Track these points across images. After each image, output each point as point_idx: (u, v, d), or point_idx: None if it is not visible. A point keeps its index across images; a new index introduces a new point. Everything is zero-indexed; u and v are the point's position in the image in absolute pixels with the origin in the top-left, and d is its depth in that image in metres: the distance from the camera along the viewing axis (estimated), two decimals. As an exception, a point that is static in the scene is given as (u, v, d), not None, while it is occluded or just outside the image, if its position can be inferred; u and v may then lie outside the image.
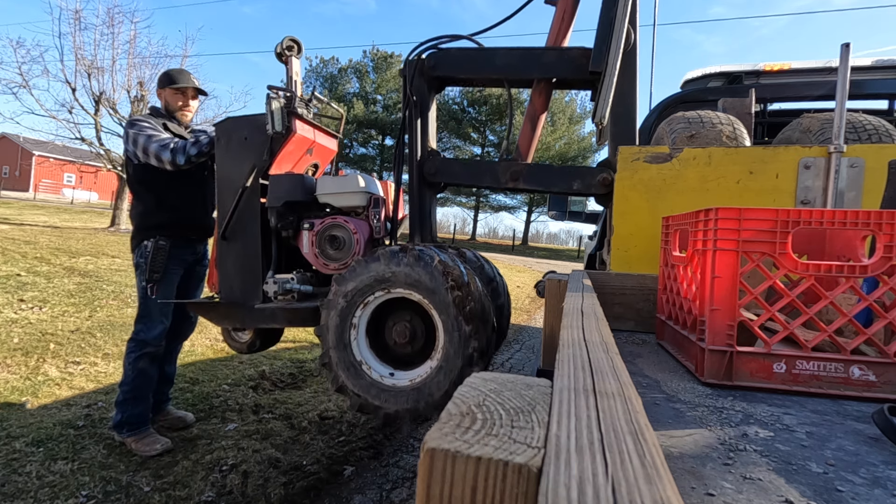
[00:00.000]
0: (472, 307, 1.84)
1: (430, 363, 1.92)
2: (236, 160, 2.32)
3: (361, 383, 1.98)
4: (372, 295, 1.96)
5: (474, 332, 1.83)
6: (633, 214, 1.84)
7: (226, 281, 2.38)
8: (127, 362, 2.53)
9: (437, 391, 1.86)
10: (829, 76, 3.02)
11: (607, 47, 1.94)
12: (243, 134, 2.31)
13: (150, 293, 2.52)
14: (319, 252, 2.24)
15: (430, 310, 1.90)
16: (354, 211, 2.29)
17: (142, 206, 2.60)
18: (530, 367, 4.78)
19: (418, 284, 1.88)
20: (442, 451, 0.28)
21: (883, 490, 0.52)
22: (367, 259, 1.97)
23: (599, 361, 0.50)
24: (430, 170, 2.35)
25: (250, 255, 2.32)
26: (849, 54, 1.59)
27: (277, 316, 2.28)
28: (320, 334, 2.03)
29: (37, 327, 4.18)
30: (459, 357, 1.83)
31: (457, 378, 1.83)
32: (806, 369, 0.86)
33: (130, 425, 2.50)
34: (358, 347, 2.00)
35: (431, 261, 1.87)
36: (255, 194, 2.30)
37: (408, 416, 1.92)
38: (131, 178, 2.62)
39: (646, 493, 0.24)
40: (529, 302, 9.17)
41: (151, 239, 2.53)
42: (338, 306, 1.98)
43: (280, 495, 2.23)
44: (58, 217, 15.78)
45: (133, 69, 14.10)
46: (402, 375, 1.98)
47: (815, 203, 1.66)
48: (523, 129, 2.40)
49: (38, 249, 8.01)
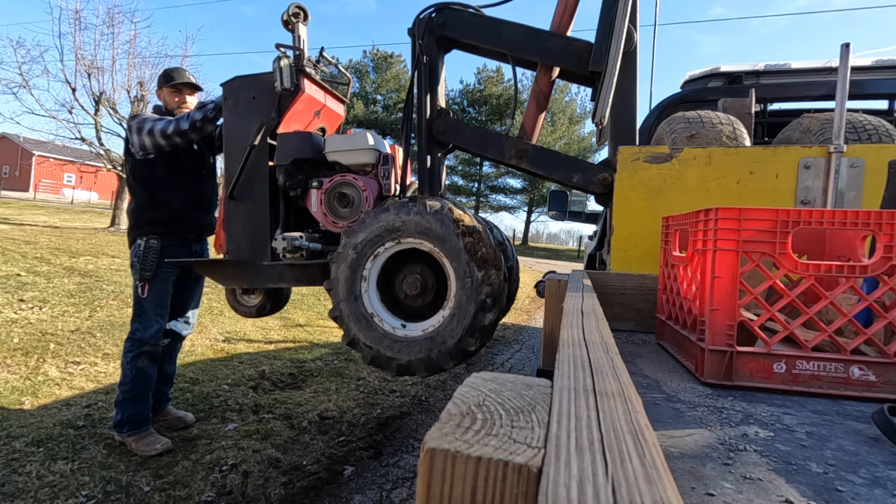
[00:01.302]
0: (484, 253, 1.82)
1: (443, 312, 1.90)
2: (244, 119, 2.31)
3: (373, 335, 1.96)
4: (382, 246, 1.94)
5: (486, 278, 1.81)
6: (633, 214, 1.84)
7: (233, 241, 2.36)
8: (125, 362, 2.53)
9: (451, 339, 1.85)
10: (829, 76, 3.02)
11: (607, 47, 1.94)
12: (251, 93, 2.30)
13: (142, 292, 2.52)
14: (328, 210, 2.22)
15: (442, 258, 1.88)
16: (363, 169, 2.26)
17: (136, 203, 2.61)
18: (530, 367, 4.78)
19: (429, 232, 1.86)
20: (442, 451, 0.28)
21: (883, 490, 0.52)
22: (377, 210, 1.95)
23: (599, 361, 0.50)
24: (439, 127, 2.32)
25: (258, 214, 2.30)
26: (849, 54, 1.59)
27: (286, 275, 2.27)
28: (330, 288, 2.01)
29: (37, 327, 4.18)
30: (472, 303, 1.82)
31: (470, 324, 1.82)
32: (806, 369, 0.86)
33: (131, 424, 2.50)
34: (369, 300, 1.98)
35: (442, 208, 1.86)
36: (262, 153, 2.28)
37: (421, 366, 1.91)
38: (129, 174, 2.64)
39: (646, 493, 0.24)
40: (529, 302, 9.16)
41: (144, 237, 2.54)
42: (348, 258, 1.97)
43: (280, 495, 2.23)
44: (58, 217, 15.77)
45: (133, 69, 14.11)
46: (415, 327, 1.96)
47: (815, 203, 1.66)
48: (528, 107, 2.38)
49: (38, 249, 8.01)
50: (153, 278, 2.54)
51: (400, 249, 1.96)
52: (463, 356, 1.88)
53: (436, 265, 1.99)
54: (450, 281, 1.89)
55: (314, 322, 5.69)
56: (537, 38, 2.22)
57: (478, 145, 2.33)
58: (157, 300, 2.57)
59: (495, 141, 2.30)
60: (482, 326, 1.82)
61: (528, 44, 2.23)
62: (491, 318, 1.83)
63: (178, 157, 2.61)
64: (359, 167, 2.25)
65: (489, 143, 2.32)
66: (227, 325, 5.04)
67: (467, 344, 1.84)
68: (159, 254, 2.54)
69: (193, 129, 2.43)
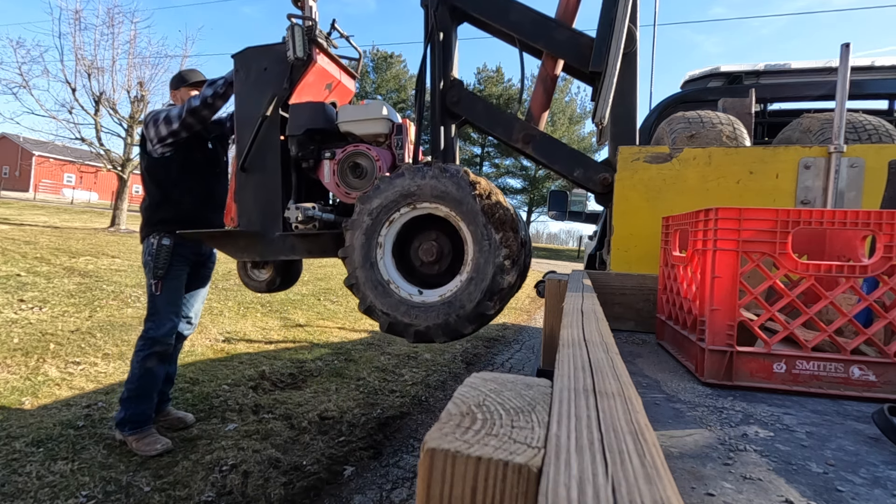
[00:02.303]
0: (501, 214, 1.80)
1: (460, 277, 1.88)
2: (255, 91, 2.29)
3: (390, 301, 1.93)
4: (397, 211, 1.92)
5: (504, 240, 1.78)
6: (633, 214, 1.84)
7: (244, 213, 2.33)
8: (135, 360, 2.53)
9: (469, 302, 1.83)
10: (829, 76, 3.02)
11: (607, 48, 1.94)
12: (263, 64, 2.28)
13: (156, 290, 2.53)
14: (341, 181, 2.19)
15: (458, 222, 1.86)
16: (376, 140, 2.23)
17: (149, 200, 2.63)
18: (530, 367, 4.78)
19: (445, 196, 1.84)
20: (442, 451, 0.28)
21: (883, 490, 0.52)
22: (392, 175, 1.92)
23: (599, 361, 0.50)
24: (452, 98, 2.30)
25: (270, 186, 2.27)
26: (849, 54, 1.59)
27: (298, 246, 2.25)
28: (345, 256, 1.98)
29: (37, 327, 4.18)
30: (490, 265, 1.79)
31: (488, 287, 1.79)
32: (806, 369, 0.86)
33: (133, 423, 2.50)
34: (385, 267, 1.96)
35: (458, 171, 1.84)
36: (274, 125, 2.26)
37: (439, 332, 1.88)
38: (143, 172, 2.65)
39: (646, 493, 0.24)
40: (529, 302, 9.17)
41: (156, 236, 2.54)
42: (363, 225, 1.94)
43: (280, 495, 2.23)
44: (58, 217, 15.77)
45: (133, 69, 14.12)
46: (431, 293, 1.94)
47: (815, 203, 1.66)
48: (535, 91, 2.36)
49: (38, 249, 8.01)
50: (166, 276, 2.54)
51: (415, 215, 1.94)
52: (482, 320, 1.85)
53: (451, 232, 1.97)
54: (467, 246, 1.86)
55: (314, 322, 5.69)
56: (544, 25, 2.19)
57: (488, 122, 2.30)
58: (170, 298, 2.59)
59: (505, 120, 2.27)
60: (501, 289, 1.80)
61: (534, 30, 2.21)
62: (510, 280, 1.79)
63: (192, 155, 2.62)
64: (372, 138, 2.22)
65: (499, 122, 2.29)
66: (227, 325, 5.04)
67: (486, 308, 1.81)
68: (172, 252, 2.55)
69: (205, 105, 2.43)
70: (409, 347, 4.96)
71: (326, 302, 6.85)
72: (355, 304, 6.90)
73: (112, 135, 14.09)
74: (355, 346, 4.83)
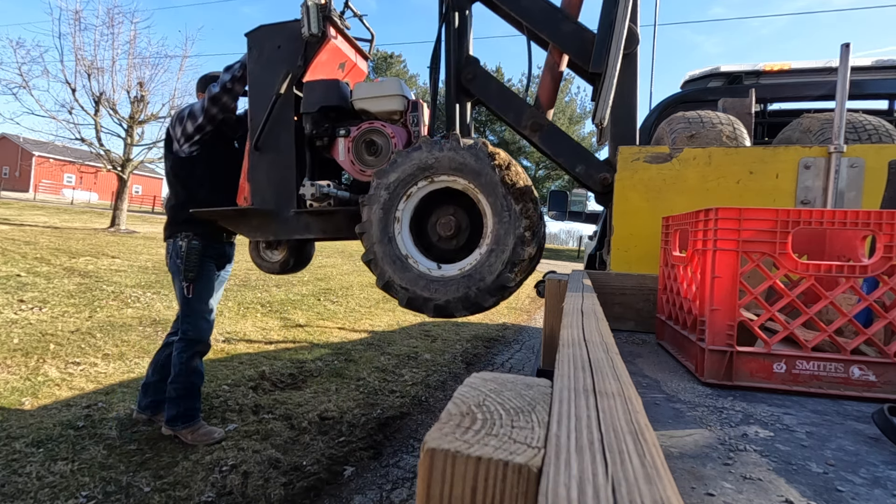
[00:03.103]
0: (521, 185, 1.78)
1: (480, 250, 1.86)
2: (269, 69, 2.27)
3: (409, 276, 1.91)
4: (415, 185, 1.90)
5: (524, 210, 1.77)
6: (633, 214, 1.83)
7: (258, 192, 2.31)
8: (178, 361, 2.57)
9: (489, 274, 1.81)
10: (829, 76, 3.02)
11: (607, 48, 1.94)
12: (276, 42, 2.26)
13: (188, 293, 2.55)
14: (356, 158, 2.17)
15: (477, 194, 1.85)
16: (391, 118, 2.21)
17: (175, 200, 2.63)
18: (530, 368, 4.78)
19: (463, 168, 1.82)
20: (442, 451, 0.28)
21: (883, 490, 0.52)
22: (409, 149, 1.91)
23: (599, 361, 0.50)
24: (468, 75, 2.27)
25: (283, 164, 2.26)
26: (849, 54, 1.59)
27: (312, 225, 2.23)
28: (363, 231, 1.96)
29: (37, 328, 4.18)
30: (511, 236, 1.78)
31: (509, 258, 1.77)
32: (806, 369, 0.86)
33: (185, 418, 2.58)
34: (402, 241, 1.94)
35: (476, 143, 1.83)
36: (288, 103, 2.24)
37: (459, 305, 1.86)
38: (168, 171, 2.66)
39: (646, 493, 0.24)
40: (529, 302, 9.17)
41: (184, 238, 2.55)
42: (380, 199, 1.92)
43: (280, 496, 2.23)
44: (58, 217, 15.77)
45: (133, 69, 14.12)
46: (451, 267, 1.92)
47: (815, 203, 1.66)
48: (542, 79, 2.33)
49: (38, 250, 8.01)
50: (197, 278, 2.56)
51: (433, 189, 1.92)
52: (502, 293, 1.84)
53: (468, 207, 1.95)
54: (486, 218, 1.85)
55: (314, 322, 5.69)
56: (553, 16, 2.18)
57: (499, 104, 2.28)
58: (203, 298, 2.61)
59: (517, 106, 2.25)
60: (521, 260, 1.78)
61: (543, 19, 2.19)
62: (530, 251, 1.78)
63: (217, 154, 2.62)
64: (387, 115, 2.20)
65: (510, 106, 2.26)
66: (227, 325, 5.04)
67: (507, 280, 1.79)
68: (202, 254, 2.56)
69: (224, 90, 2.42)
70: (409, 347, 4.96)
71: (326, 302, 6.85)
72: (355, 305, 6.91)
73: (112, 135, 14.11)
74: (355, 347, 4.83)
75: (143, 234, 13.39)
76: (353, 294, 7.70)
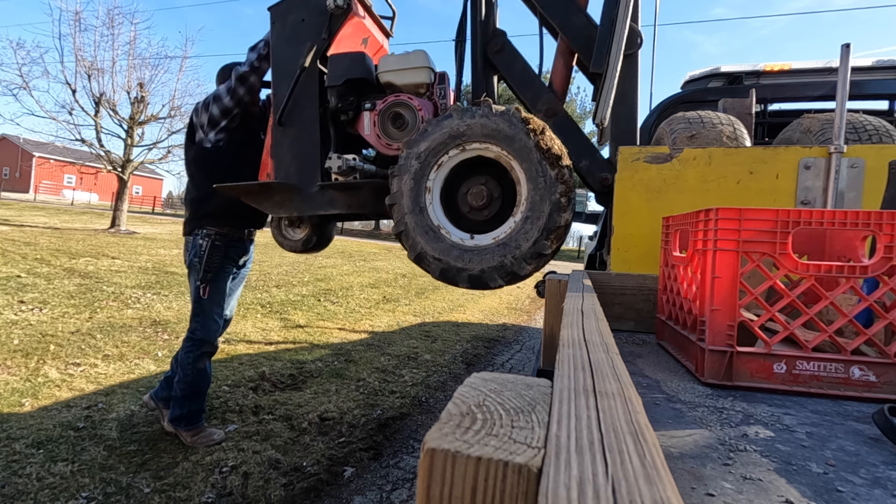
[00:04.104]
0: (555, 150, 1.75)
1: (514, 218, 1.81)
2: (292, 43, 2.24)
3: (442, 246, 1.86)
4: (446, 154, 1.86)
5: (560, 176, 1.73)
6: (634, 215, 1.83)
7: (281, 167, 2.28)
8: (185, 361, 2.55)
9: (525, 241, 1.76)
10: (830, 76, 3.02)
11: (608, 49, 1.93)
12: (300, 15, 2.24)
13: (203, 294, 2.53)
14: (382, 132, 2.14)
15: (510, 161, 1.81)
16: (417, 91, 2.18)
17: (198, 192, 2.58)
18: (530, 368, 4.78)
19: (496, 134, 1.79)
20: (442, 451, 0.28)
21: (883, 490, 0.52)
22: (439, 117, 1.87)
23: (599, 362, 0.50)
24: (495, 46, 2.25)
25: (307, 139, 2.23)
26: (849, 55, 1.59)
27: (337, 200, 2.20)
28: (393, 202, 1.92)
29: (37, 329, 4.18)
30: (546, 202, 1.74)
31: (545, 225, 1.74)
32: (806, 370, 0.86)
33: (188, 420, 2.57)
34: (434, 212, 1.90)
35: (508, 109, 1.80)
36: (312, 77, 2.22)
37: (495, 274, 1.82)
38: (191, 163, 2.61)
39: (646, 493, 0.24)
40: (530, 302, 9.16)
41: (206, 237, 2.52)
42: (411, 169, 1.88)
43: (280, 497, 2.23)
44: (58, 218, 15.77)
45: (133, 70, 14.13)
46: (484, 237, 1.88)
47: (816, 203, 1.66)
48: (555, 64, 2.31)
49: (38, 251, 8.01)
50: (214, 279, 2.54)
51: (464, 158, 1.89)
52: (539, 260, 1.80)
53: (499, 175, 1.92)
54: (520, 186, 1.81)
55: (314, 323, 5.69)
56: (566, 5, 2.16)
57: (520, 82, 2.26)
58: (217, 300, 2.59)
59: (536, 87, 2.23)
60: (558, 227, 1.74)
61: (555, 6, 2.18)
62: (566, 217, 1.74)
63: (243, 146, 2.59)
64: (413, 88, 2.17)
65: (530, 86, 2.24)
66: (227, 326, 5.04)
67: (543, 247, 1.75)
68: (224, 255, 2.54)
69: (252, 69, 2.40)
70: (409, 348, 4.96)
71: (326, 303, 6.85)
72: (355, 305, 6.91)
73: (112, 136, 14.12)
74: (355, 347, 4.83)
75: (144, 234, 13.40)
76: (354, 295, 7.70)
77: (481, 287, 1.89)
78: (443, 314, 7.05)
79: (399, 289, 8.84)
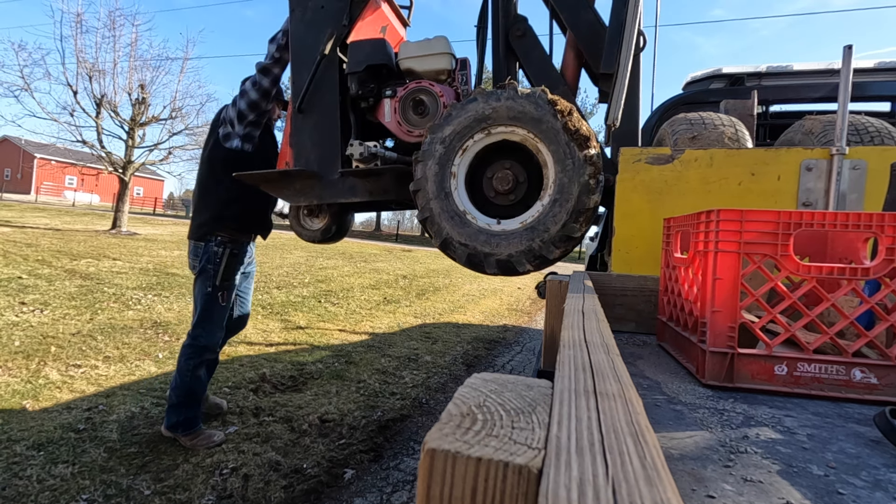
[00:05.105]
0: (583, 131, 1.73)
1: (542, 202, 1.79)
2: (312, 29, 2.23)
3: (468, 231, 1.84)
4: (471, 138, 1.84)
5: (588, 158, 1.71)
6: (635, 216, 1.83)
7: (301, 155, 2.26)
8: (185, 367, 2.54)
9: (554, 224, 1.74)
10: (832, 78, 3.02)
11: (618, 49, 1.93)
12: (320, 2, 2.23)
13: (221, 300, 2.52)
14: (403, 118, 2.13)
15: (537, 143, 1.78)
16: (438, 77, 2.16)
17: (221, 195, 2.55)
18: (531, 369, 4.77)
19: (522, 116, 1.76)
20: (442, 451, 0.28)
21: (884, 493, 0.52)
22: (464, 101, 1.85)
23: (600, 363, 0.50)
24: (518, 31, 2.23)
25: (328, 126, 2.22)
26: (851, 56, 1.59)
27: (358, 187, 2.18)
28: (417, 188, 1.90)
29: (38, 330, 4.18)
30: (575, 184, 1.72)
31: (574, 207, 1.71)
32: (807, 371, 0.86)
33: (185, 426, 2.56)
34: (459, 197, 1.88)
35: (534, 91, 1.78)
36: (332, 63, 2.20)
37: (523, 259, 1.79)
38: (218, 164, 2.57)
39: (646, 494, 0.24)
40: (530, 304, 9.16)
41: (222, 245, 2.51)
42: (435, 154, 1.86)
43: (280, 498, 2.23)
44: (59, 219, 15.80)
45: (134, 72, 14.17)
46: (511, 221, 1.85)
47: (817, 205, 1.66)
48: (565, 56, 2.31)
49: (39, 252, 8.03)
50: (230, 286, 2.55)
51: (489, 142, 1.86)
52: (567, 243, 1.78)
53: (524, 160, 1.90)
54: (547, 169, 1.79)
55: (315, 324, 5.69)
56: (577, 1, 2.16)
57: (536, 70, 2.25)
58: (228, 306, 2.60)
59: (553, 78, 2.22)
60: (587, 209, 1.72)
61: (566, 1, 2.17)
62: (595, 199, 1.72)
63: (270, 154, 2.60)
64: (434, 74, 2.15)
65: (546, 76, 2.23)
66: (230, 327, 5.04)
67: (572, 230, 1.73)
68: (238, 261, 2.55)
69: (275, 61, 2.41)
70: (410, 349, 4.96)
71: (327, 304, 6.85)
72: (356, 307, 6.91)
73: (113, 137, 14.16)
74: (356, 349, 4.83)
75: (145, 235, 13.41)
76: (354, 296, 7.70)
77: (509, 272, 1.85)
78: (443, 315, 7.04)
79: (400, 290, 8.84)
